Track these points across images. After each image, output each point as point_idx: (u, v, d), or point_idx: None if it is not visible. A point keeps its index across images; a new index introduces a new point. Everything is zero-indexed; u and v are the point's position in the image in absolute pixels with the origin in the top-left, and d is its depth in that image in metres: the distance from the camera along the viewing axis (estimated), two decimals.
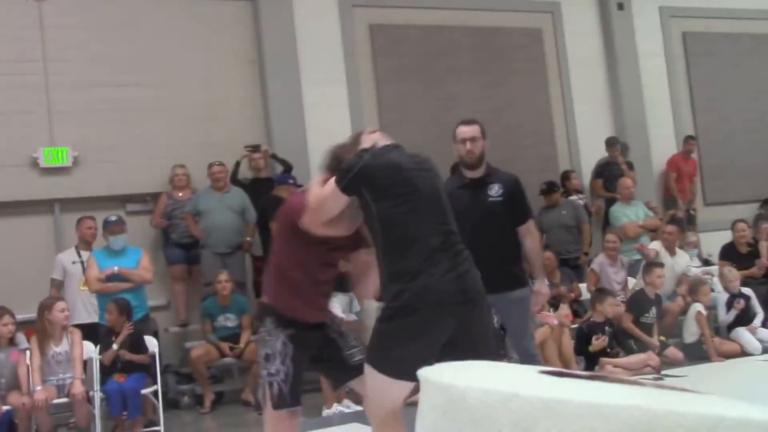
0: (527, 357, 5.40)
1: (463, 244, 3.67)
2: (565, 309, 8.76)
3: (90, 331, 7.70)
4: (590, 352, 8.20)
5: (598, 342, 8.17)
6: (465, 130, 5.50)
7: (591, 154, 11.67)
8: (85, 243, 8.38)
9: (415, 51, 11.00)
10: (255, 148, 9.58)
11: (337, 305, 7.45)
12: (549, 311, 8.34)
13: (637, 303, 8.82)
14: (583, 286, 9.54)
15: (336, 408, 7.38)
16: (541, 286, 5.63)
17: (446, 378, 1.82)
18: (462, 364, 2.05)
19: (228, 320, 8.34)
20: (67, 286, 8.20)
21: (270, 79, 10.07)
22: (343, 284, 7.43)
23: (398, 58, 10.92)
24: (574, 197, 10.74)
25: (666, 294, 9.44)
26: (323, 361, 4.00)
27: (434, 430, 1.80)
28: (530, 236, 5.58)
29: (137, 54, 9.63)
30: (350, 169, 3.54)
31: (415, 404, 6.07)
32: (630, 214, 10.44)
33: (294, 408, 3.81)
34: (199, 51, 9.91)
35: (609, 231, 10.07)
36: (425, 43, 11.07)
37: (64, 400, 6.88)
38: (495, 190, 5.47)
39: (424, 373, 1.88)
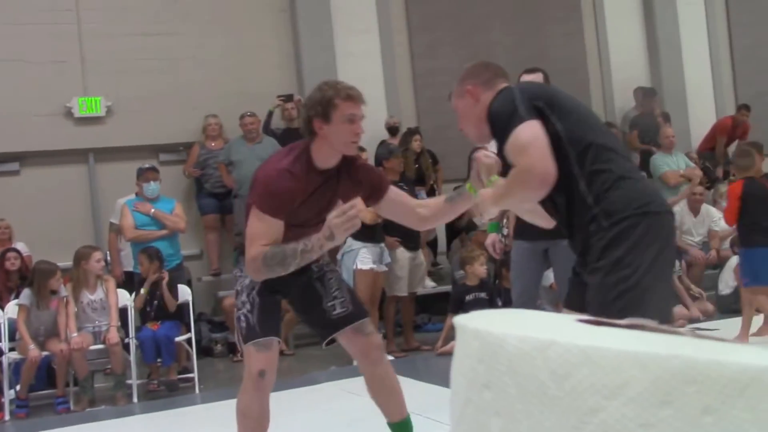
0: None
1: None
2: None
3: (130, 279, 7.84)
4: None
5: None
6: (529, 78, 5.49)
7: (626, 105, 11.51)
8: None
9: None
10: (287, 98, 9.55)
11: (368, 256, 7.45)
12: None
13: None
14: None
15: None
16: None
17: (482, 325, 1.81)
18: (498, 312, 2.04)
19: None
20: None
21: (302, 29, 10.01)
22: (374, 235, 7.45)
23: (431, 6, 10.80)
24: None
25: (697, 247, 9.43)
26: (303, 312, 3.87)
27: (470, 377, 1.79)
28: None
29: (170, 3, 9.60)
30: None
31: (447, 353, 6.09)
32: (671, 164, 10.33)
33: (265, 338, 3.57)
34: (231, 0, 9.85)
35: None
36: None
37: (100, 346, 6.98)
38: None
39: (460, 320, 1.87)
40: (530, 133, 2.81)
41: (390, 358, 7.41)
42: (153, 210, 7.83)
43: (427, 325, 9.04)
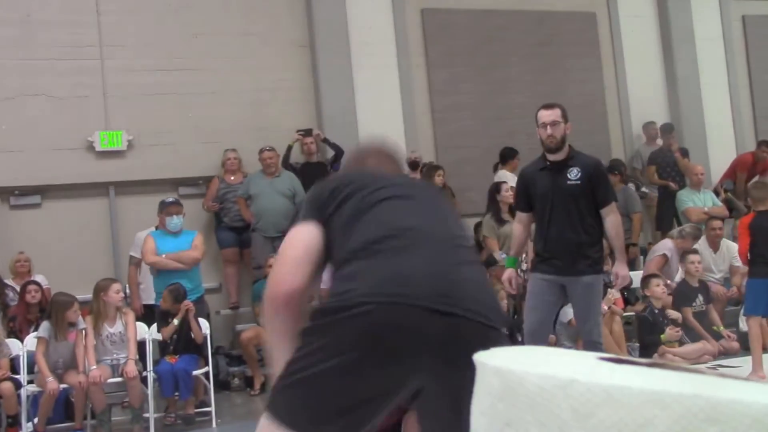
0: (590, 344, 5.40)
1: None
2: (614, 294, 8.65)
3: (149, 313, 7.86)
4: (663, 341, 8.11)
5: (672, 332, 8.08)
6: (546, 114, 5.56)
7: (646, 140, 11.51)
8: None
9: (466, 35, 10.93)
10: (307, 133, 9.61)
11: None
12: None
13: (682, 294, 8.70)
14: (634, 273, 9.40)
15: None
16: (619, 268, 5.61)
17: (503, 362, 1.80)
18: (518, 348, 2.03)
19: None
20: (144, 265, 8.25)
21: (321, 64, 10.09)
22: None
23: (449, 42, 10.87)
24: (630, 185, 10.59)
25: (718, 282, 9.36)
26: None
27: (491, 415, 1.78)
28: (610, 219, 5.57)
29: (190, 39, 9.72)
30: None
31: None
32: (697, 201, 10.30)
33: None
34: (252, 35, 9.97)
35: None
36: (477, 27, 10.99)
37: (118, 379, 6.98)
38: (574, 174, 5.51)
39: (480, 357, 1.86)
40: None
41: None
42: (164, 256, 7.77)
43: None
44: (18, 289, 7.80)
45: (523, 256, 5.93)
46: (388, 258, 2.21)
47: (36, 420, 6.85)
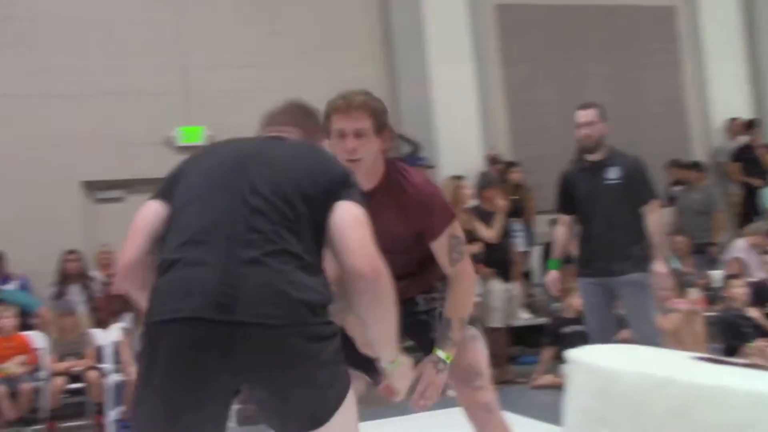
0: (647, 343, 5.31)
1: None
2: (695, 293, 8.48)
3: None
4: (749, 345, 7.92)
5: (763, 345, 7.87)
6: (582, 115, 5.56)
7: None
8: None
9: (542, 31, 10.83)
10: None
11: None
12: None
13: (760, 292, 8.47)
14: (715, 273, 9.22)
15: None
16: (659, 268, 5.49)
17: (597, 360, 1.80)
18: (612, 347, 2.02)
19: None
20: None
21: (397, 60, 10.13)
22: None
23: (526, 37, 10.78)
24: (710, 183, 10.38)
25: None
26: (412, 336, 3.43)
27: (584, 413, 1.78)
28: (651, 218, 5.49)
29: (268, 37, 9.84)
30: None
31: (543, 387, 6.01)
32: None
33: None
34: (327, 32, 10.05)
35: None
36: (552, 23, 10.89)
37: None
38: (613, 173, 5.47)
39: (574, 355, 1.86)
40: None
41: None
42: None
43: (522, 357, 8.94)
44: (103, 280, 8.01)
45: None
46: (176, 272, 2.23)
47: (120, 408, 7.02)
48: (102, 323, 7.61)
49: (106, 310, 7.69)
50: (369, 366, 2.91)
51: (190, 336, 2.12)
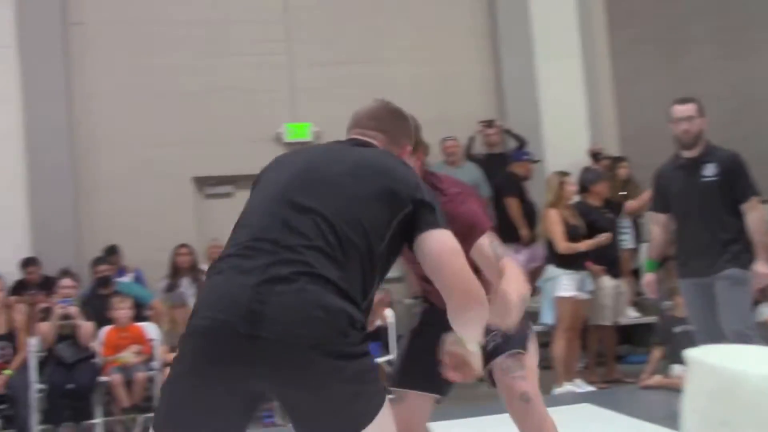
0: (739, 342, 5.11)
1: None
2: None
3: None
4: None
5: None
6: (680, 109, 5.38)
7: None
8: None
9: (652, 21, 10.56)
10: (489, 123, 9.58)
11: (569, 283, 7.31)
12: None
13: None
14: None
15: (566, 387, 7.28)
16: (761, 268, 5.28)
17: (719, 361, 1.74)
18: (732, 347, 1.95)
19: None
20: None
21: (503, 54, 10.05)
22: (575, 262, 7.32)
23: (635, 29, 10.54)
24: None
25: None
26: None
27: (704, 414, 1.72)
28: (751, 216, 5.30)
29: (373, 33, 9.92)
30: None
31: (652, 387, 5.84)
32: None
33: (398, 390, 3.31)
34: (432, 27, 10.05)
35: None
36: (664, 13, 10.60)
37: None
38: (710, 170, 5.32)
39: (694, 355, 1.81)
40: None
41: (590, 388, 7.28)
42: None
43: (630, 356, 8.76)
44: None
45: None
46: (217, 279, 2.34)
47: None
48: None
49: None
50: (440, 384, 3.00)
51: (214, 343, 2.21)
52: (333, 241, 2.29)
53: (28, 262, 8.36)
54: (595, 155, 9.53)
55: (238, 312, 2.18)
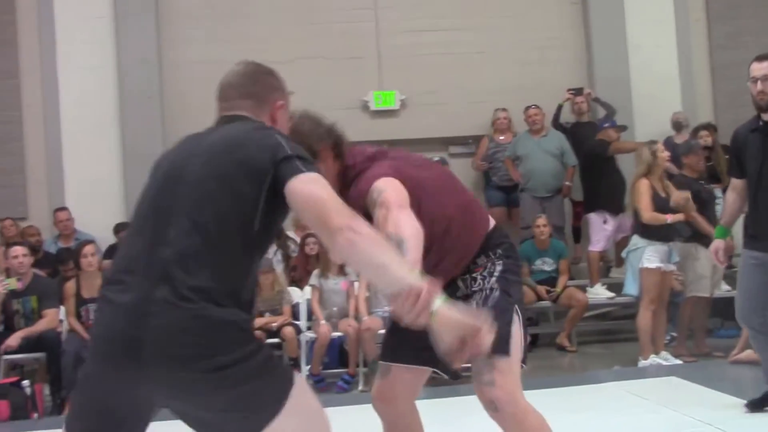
0: None
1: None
2: None
3: None
4: None
5: None
6: (758, 67, 4.89)
7: None
8: None
9: None
10: (577, 92, 9.43)
11: (655, 255, 7.14)
12: None
13: None
14: None
15: (653, 359, 7.17)
16: None
17: None
18: None
19: (545, 264, 8.38)
20: None
21: (594, 20, 9.85)
22: (661, 233, 7.13)
23: None
24: None
25: None
26: None
27: None
28: None
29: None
30: None
31: (742, 362, 5.72)
32: None
33: (383, 363, 3.20)
34: None
35: None
36: None
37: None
38: None
39: None
40: None
41: (677, 362, 7.13)
42: None
43: (720, 330, 8.56)
44: (299, 240, 8.31)
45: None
46: (100, 307, 2.37)
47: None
48: (297, 282, 7.91)
49: (301, 270, 7.98)
50: (425, 357, 2.84)
51: (102, 373, 2.25)
52: (199, 242, 2.22)
53: (120, 227, 8.60)
54: (677, 125, 9.22)
55: (117, 342, 2.20)
